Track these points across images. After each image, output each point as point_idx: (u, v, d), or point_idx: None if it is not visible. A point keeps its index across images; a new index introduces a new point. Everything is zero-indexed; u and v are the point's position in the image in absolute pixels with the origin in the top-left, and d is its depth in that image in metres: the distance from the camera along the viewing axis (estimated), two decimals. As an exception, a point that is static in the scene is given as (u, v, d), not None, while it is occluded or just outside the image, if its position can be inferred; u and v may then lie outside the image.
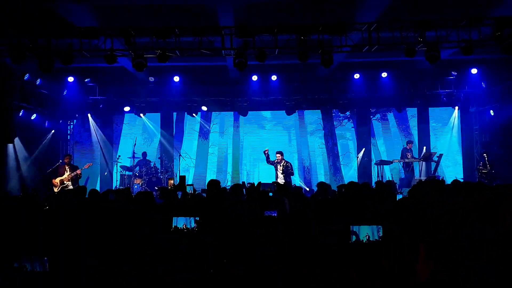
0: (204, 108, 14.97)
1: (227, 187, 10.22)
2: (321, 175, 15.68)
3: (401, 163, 14.16)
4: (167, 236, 4.12)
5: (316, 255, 3.46)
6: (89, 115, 15.01)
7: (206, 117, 15.79)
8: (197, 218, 4.02)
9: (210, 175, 15.15)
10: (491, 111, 14.00)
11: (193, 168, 15.71)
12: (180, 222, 4.00)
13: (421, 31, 9.66)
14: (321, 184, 9.10)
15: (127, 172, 14.21)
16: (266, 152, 12.52)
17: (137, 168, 14.16)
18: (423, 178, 13.24)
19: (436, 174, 13.53)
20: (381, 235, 3.25)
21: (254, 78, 14.01)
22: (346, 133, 15.89)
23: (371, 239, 3.24)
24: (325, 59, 10.04)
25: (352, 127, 15.78)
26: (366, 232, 3.25)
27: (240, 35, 9.60)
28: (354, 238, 3.31)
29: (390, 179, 13.42)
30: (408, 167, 14.09)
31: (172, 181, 12.07)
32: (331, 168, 15.64)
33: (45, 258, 3.30)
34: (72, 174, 11.97)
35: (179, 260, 3.73)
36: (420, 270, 1.79)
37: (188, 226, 4.00)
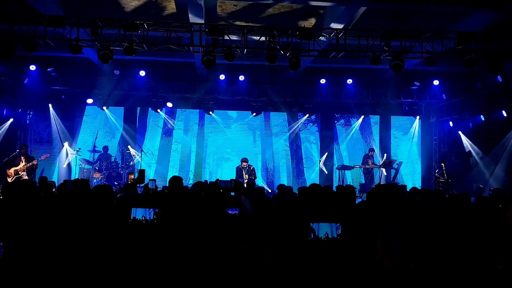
0: (169, 104, 14.79)
1: (189, 186, 10.15)
2: (284, 177, 15.77)
3: (362, 168, 14.47)
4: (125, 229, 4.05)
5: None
6: (50, 105, 14.53)
7: (171, 113, 15.57)
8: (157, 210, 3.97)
9: (172, 173, 14.93)
10: (451, 123, 14.54)
11: (154, 165, 15.47)
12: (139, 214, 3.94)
13: (387, 40, 9.88)
14: (281, 187, 9.19)
15: (86, 166, 13.87)
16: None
17: (98, 162, 13.84)
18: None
19: (396, 181, 13.88)
20: (339, 233, 3.30)
21: (222, 77, 13.96)
22: (310, 137, 16.06)
23: (329, 236, 3.28)
24: (293, 62, 10.11)
25: (316, 130, 15.96)
26: (325, 231, 3.29)
27: (210, 33, 9.54)
28: (312, 235, 3.35)
29: (351, 183, 13.65)
30: (368, 173, 14.42)
31: (132, 176, 11.83)
32: (294, 170, 15.77)
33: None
34: (28, 164, 11.61)
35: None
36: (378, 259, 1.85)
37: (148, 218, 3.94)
